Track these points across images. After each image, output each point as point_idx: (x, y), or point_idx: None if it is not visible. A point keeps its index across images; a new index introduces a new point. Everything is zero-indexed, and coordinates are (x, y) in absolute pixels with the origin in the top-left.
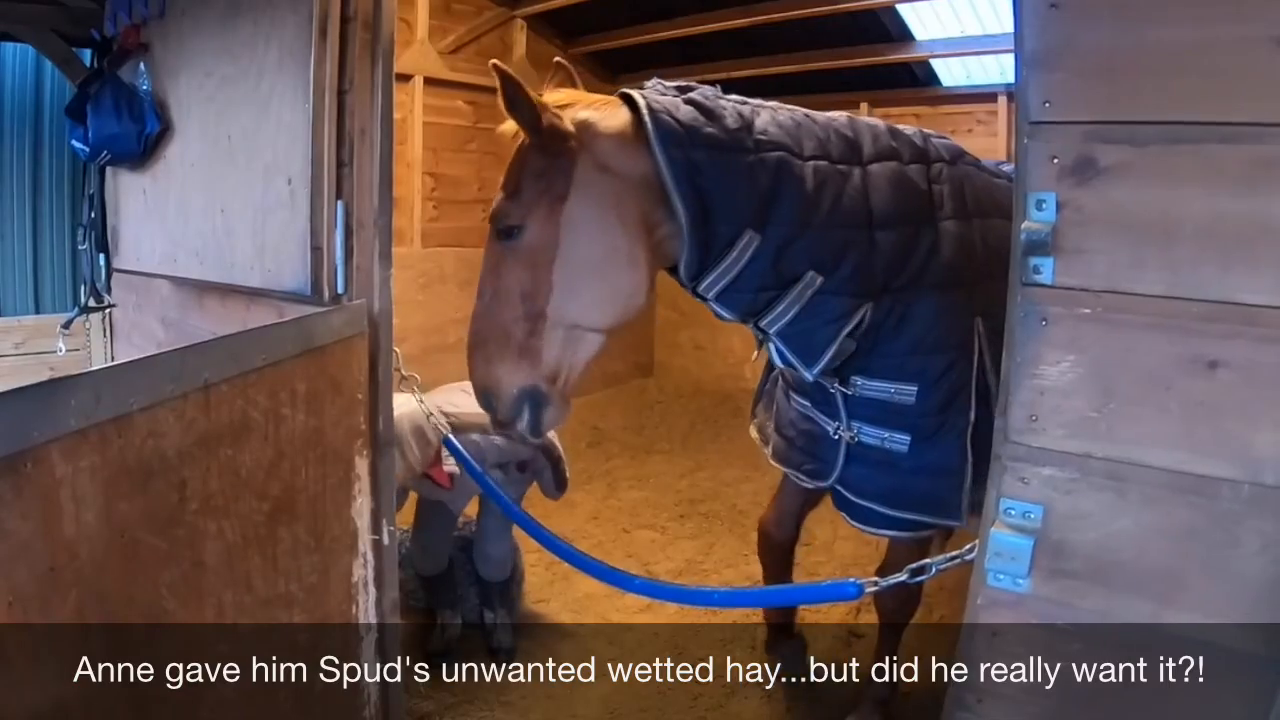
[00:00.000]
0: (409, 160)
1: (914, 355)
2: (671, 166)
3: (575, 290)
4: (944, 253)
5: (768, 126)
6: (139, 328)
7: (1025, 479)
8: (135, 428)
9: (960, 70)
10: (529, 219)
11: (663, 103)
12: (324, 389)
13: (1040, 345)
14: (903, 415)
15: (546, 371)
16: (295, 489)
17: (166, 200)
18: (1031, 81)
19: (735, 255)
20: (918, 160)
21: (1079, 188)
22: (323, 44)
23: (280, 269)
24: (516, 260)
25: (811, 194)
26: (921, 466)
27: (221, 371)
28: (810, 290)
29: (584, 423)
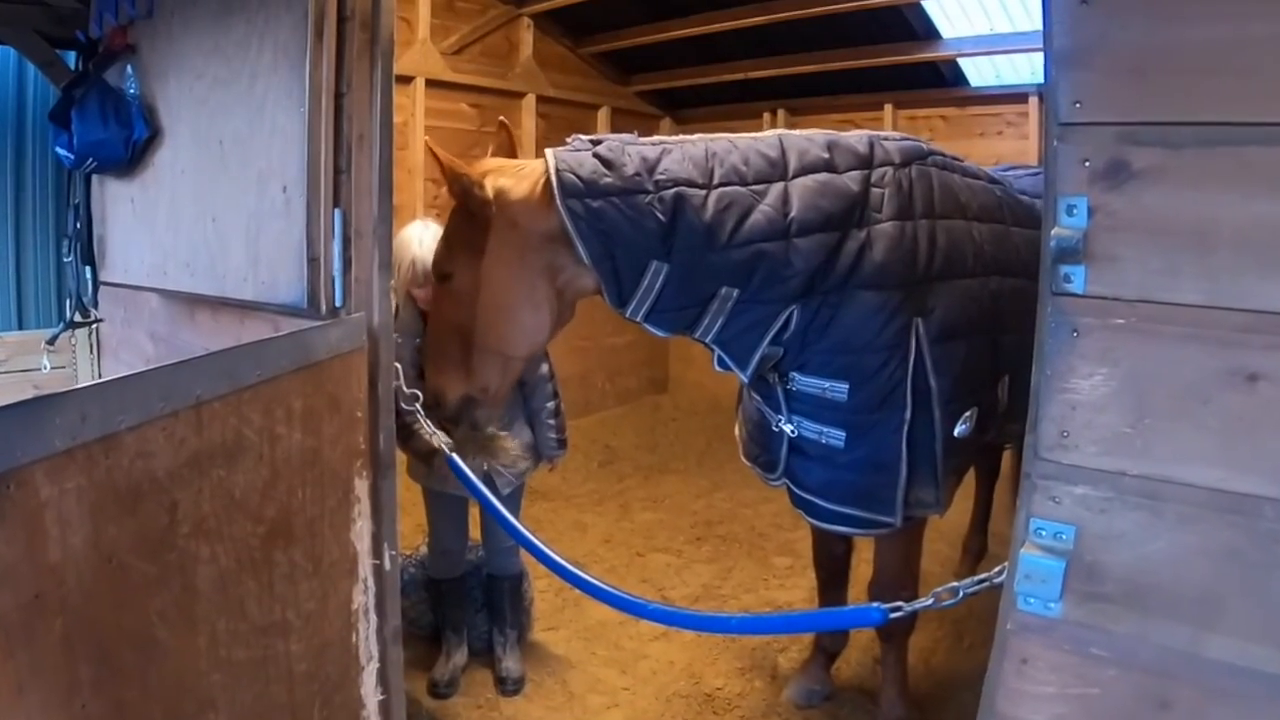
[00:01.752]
0: (410, 166)
1: (844, 353)
2: (570, 215)
3: (493, 325)
4: (876, 254)
5: (670, 165)
6: (127, 343)
7: (1056, 498)
8: (123, 448)
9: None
10: (456, 268)
11: (570, 161)
12: (321, 407)
13: (1071, 358)
14: (837, 411)
15: (478, 385)
16: (292, 511)
17: (155, 209)
18: (1061, 81)
19: (648, 283)
20: (857, 166)
21: (1111, 192)
22: (319, 45)
23: (275, 281)
24: (450, 298)
25: (710, 219)
26: (855, 461)
27: (214, 388)
28: (729, 303)
29: (595, 441)
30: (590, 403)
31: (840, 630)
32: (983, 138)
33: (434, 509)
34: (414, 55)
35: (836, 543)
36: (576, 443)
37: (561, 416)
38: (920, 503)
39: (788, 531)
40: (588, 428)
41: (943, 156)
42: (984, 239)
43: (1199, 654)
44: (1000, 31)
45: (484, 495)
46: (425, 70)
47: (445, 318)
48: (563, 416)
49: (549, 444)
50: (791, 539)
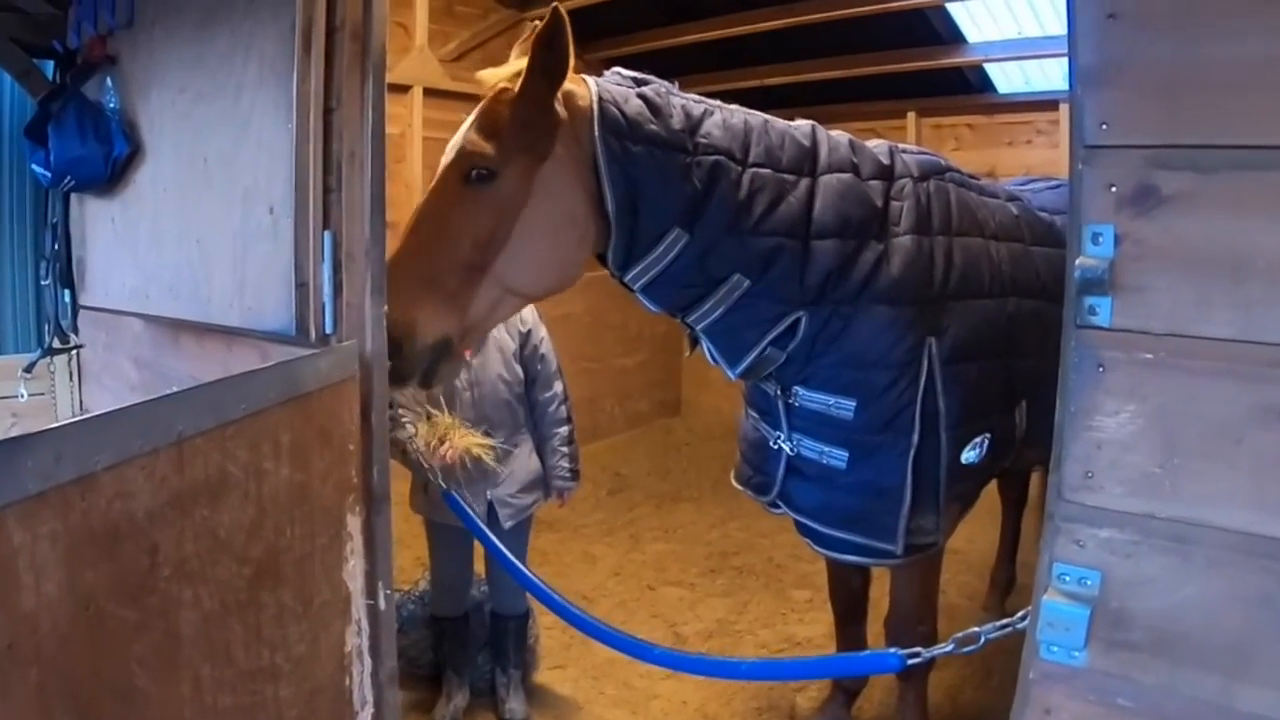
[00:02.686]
0: (407, 180)
1: (852, 368)
2: (608, 154)
3: (527, 250)
4: (893, 268)
5: (713, 129)
6: (110, 369)
7: (1081, 541)
8: (100, 488)
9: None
10: (507, 168)
11: (614, 93)
12: (311, 440)
13: (1097, 394)
14: (841, 429)
15: (465, 324)
16: (280, 550)
17: (137, 230)
18: (1087, 101)
19: (662, 250)
20: (879, 176)
21: (1139, 219)
22: (307, 57)
23: (262, 306)
24: (478, 206)
25: (744, 200)
26: (857, 484)
27: (196, 424)
28: (737, 292)
29: (605, 468)
30: (599, 427)
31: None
32: (1011, 147)
33: (436, 542)
34: (411, 63)
35: (853, 575)
36: (584, 470)
37: (575, 445)
38: (920, 530)
39: (806, 563)
40: (596, 454)
41: (959, 173)
42: (1002, 258)
43: (1230, 706)
44: (1029, 35)
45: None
46: (423, 79)
47: (459, 231)
48: (576, 445)
49: (560, 474)
50: (810, 571)
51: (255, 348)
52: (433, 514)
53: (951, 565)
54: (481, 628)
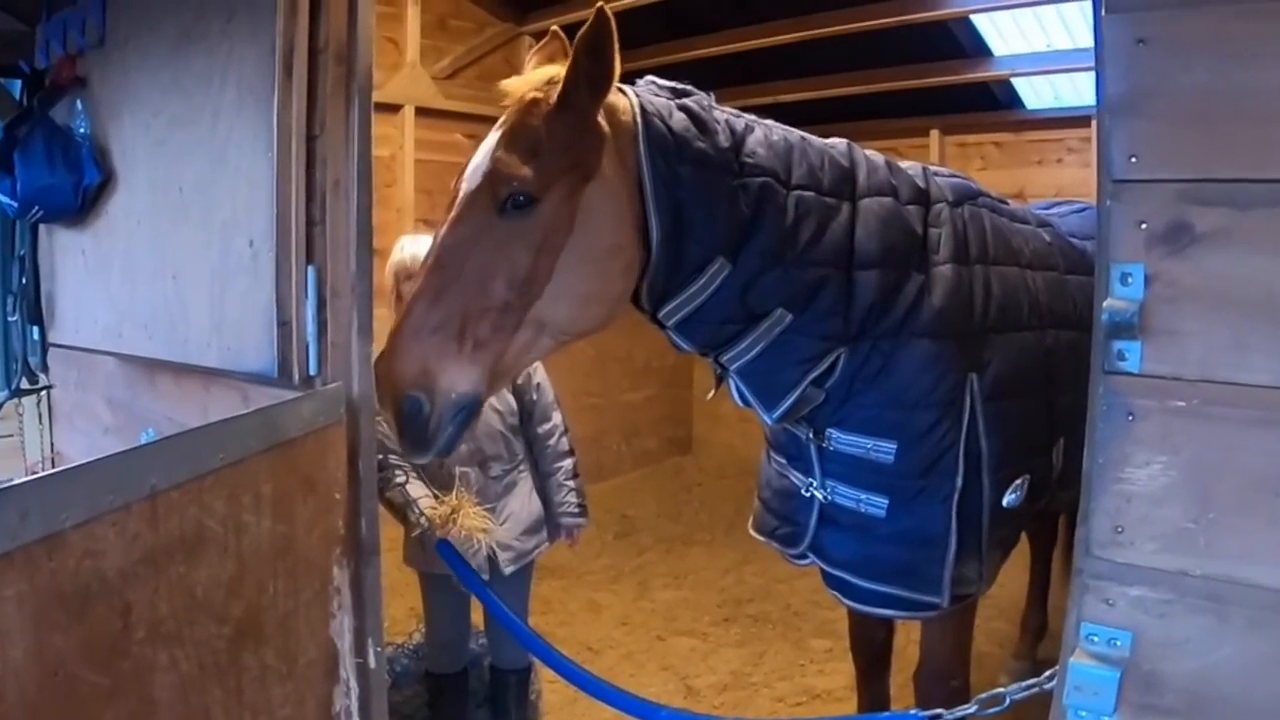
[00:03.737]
0: (399, 206)
1: (894, 409)
2: (654, 174)
3: (574, 285)
4: (935, 300)
5: (757, 148)
6: (81, 410)
7: (1110, 600)
8: (69, 547)
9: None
10: (548, 192)
11: (657, 105)
12: (294, 489)
13: (1126, 444)
14: (880, 475)
15: (495, 372)
16: (262, 608)
17: (110, 263)
18: (1115, 132)
19: (703, 282)
20: (916, 201)
21: (1171, 258)
22: (288, 80)
23: (242, 346)
24: (518, 238)
25: (790, 226)
26: (899, 533)
27: (171, 476)
28: (778, 328)
29: (611, 510)
30: (604, 467)
31: None
32: (1041, 166)
33: (431, 594)
34: (402, 81)
35: (877, 626)
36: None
37: (580, 478)
38: (963, 579)
39: (827, 610)
40: (602, 495)
41: (990, 198)
42: (1039, 288)
43: None
44: (1059, 48)
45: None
46: (414, 97)
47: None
48: (581, 478)
49: (568, 510)
50: (831, 619)
51: (235, 389)
52: (427, 566)
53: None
54: (480, 683)
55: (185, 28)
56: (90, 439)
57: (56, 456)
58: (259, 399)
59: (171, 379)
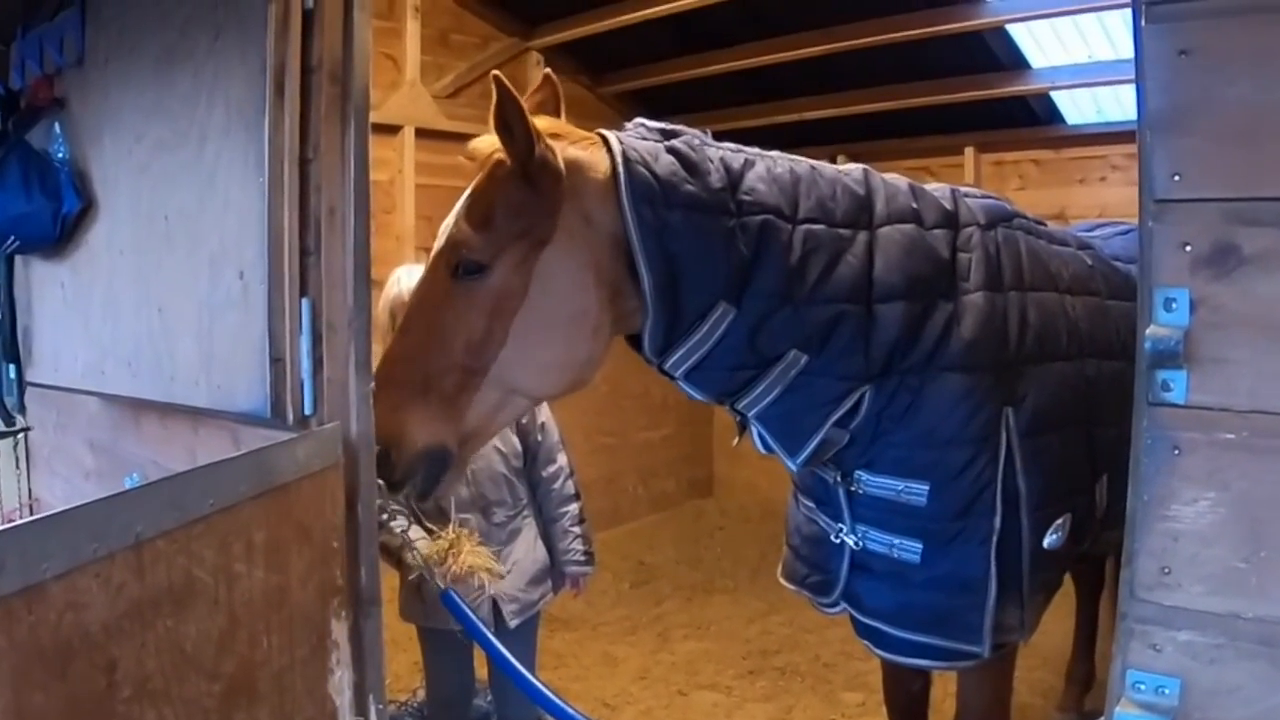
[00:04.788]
0: (398, 233)
1: (925, 448)
2: (641, 226)
3: (530, 350)
4: (965, 330)
5: (757, 184)
6: (62, 453)
7: (1157, 645)
8: (49, 600)
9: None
10: (498, 260)
11: (641, 150)
12: (288, 537)
13: (1172, 480)
14: (913, 518)
15: (465, 431)
16: (255, 664)
17: (90, 297)
18: (1157, 149)
19: (707, 329)
20: (943, 225)
21: (1217, 282)
22: (279, 101)
23: (232, 385)
24: (470, 303)
25: (797, 263)
26: (935, 579)
27: (157, 524)
28: (794, 370)
29: (627, 557)
30: (619, 511)
31: None
32: (1083, 185)
33: (432, 651)
34: (401, 100)
35: (913, 677)
36: (604, 559)
37: (587, 523)
38: (1003, 626)
39: (859, 661)
40: (617, 541)
41: (1026, 219)
42: (1079, 315)
43: None
44: (1101, 59)
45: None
46: (415, 118)
47: (446, 329)
48: (588, 523)
49: (574, 557)
50: (863, 670)
51: (225, 430)
52: (427, 620)
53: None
54: None
55: (169, 46)
56: (71, 484)
57: (35, 503)
58: (250, 441)
59: (157, 420)
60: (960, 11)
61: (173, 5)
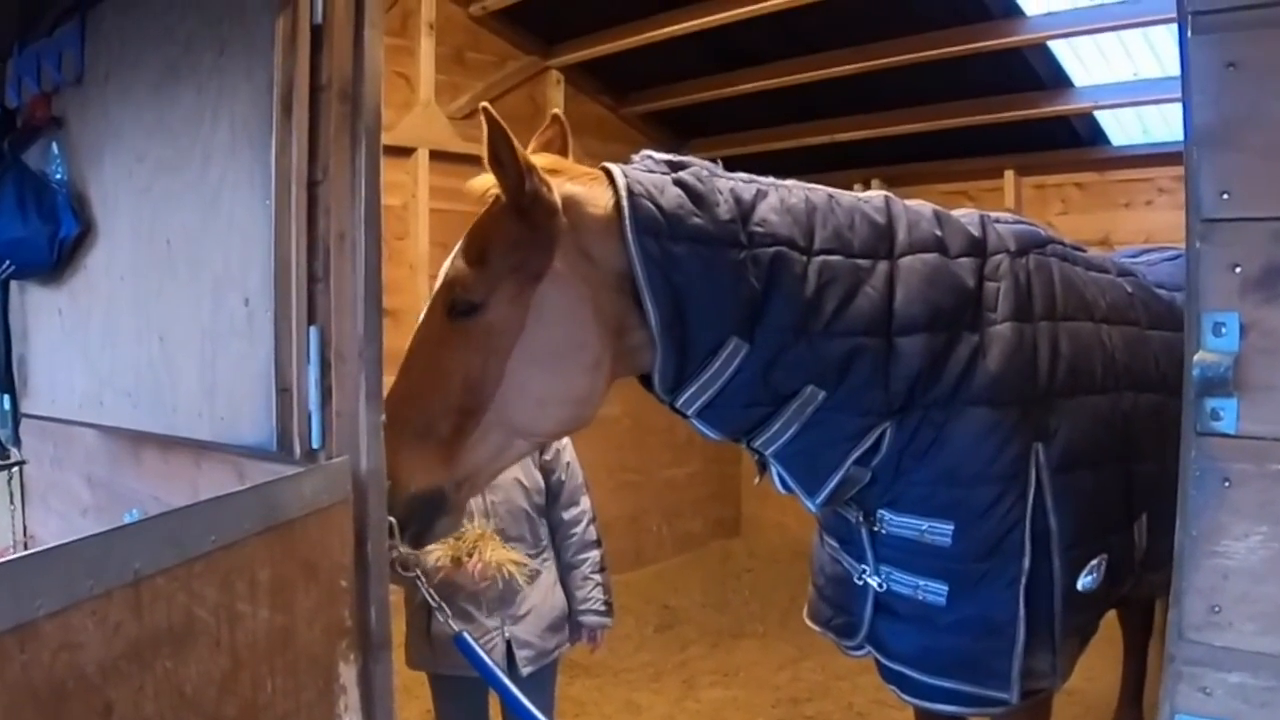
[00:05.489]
0: (411, 260)
1: (949, 485)
2: (645, 259)
3: (527, 385)
4: (991, 363)
5: (769, 215)
6: (58, 488)
7: (1207, 688)
8: (43, 639)
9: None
10: (493, 296)
11: (646, 183)
12: (294, 576)
13: (1222, 513)
14: (938, 559)
15: (460, 474)
16: (259, 708)
17: (89, 324)
18: (1204, 166)
19: (718, 366)
20: (970, 253)
21: (1268, 305)
22: (287, 121)
23: (236, 416)
24: (467, 341)
25: (812, 295)
26: (960, 622)
27: (157, 560)
28: (811, 407)
29: (650, 600)
30: (643, 552)
31: None
32: (1129, 209)
33: (443, 698)
34: (415, 121)
35: None
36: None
37: (608, 572)
38: (1033, 672)
39: (893, 709)
40: (640, 583)
41: (1061, 244)
42: (1115, 345)
43: None
44: (1147, 76)
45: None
46: (429, 139)
47: (444, 369)
48: (608, 572)
49: (593, 607)
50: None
51: (229, 464)
52: (437, 666)
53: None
54: None
55: (172, 62)
56: (67, 520)
57: (29, 540)
58: (255, 475)
59: (158, 453)
60: (1000, 28)
61: (175, 20)
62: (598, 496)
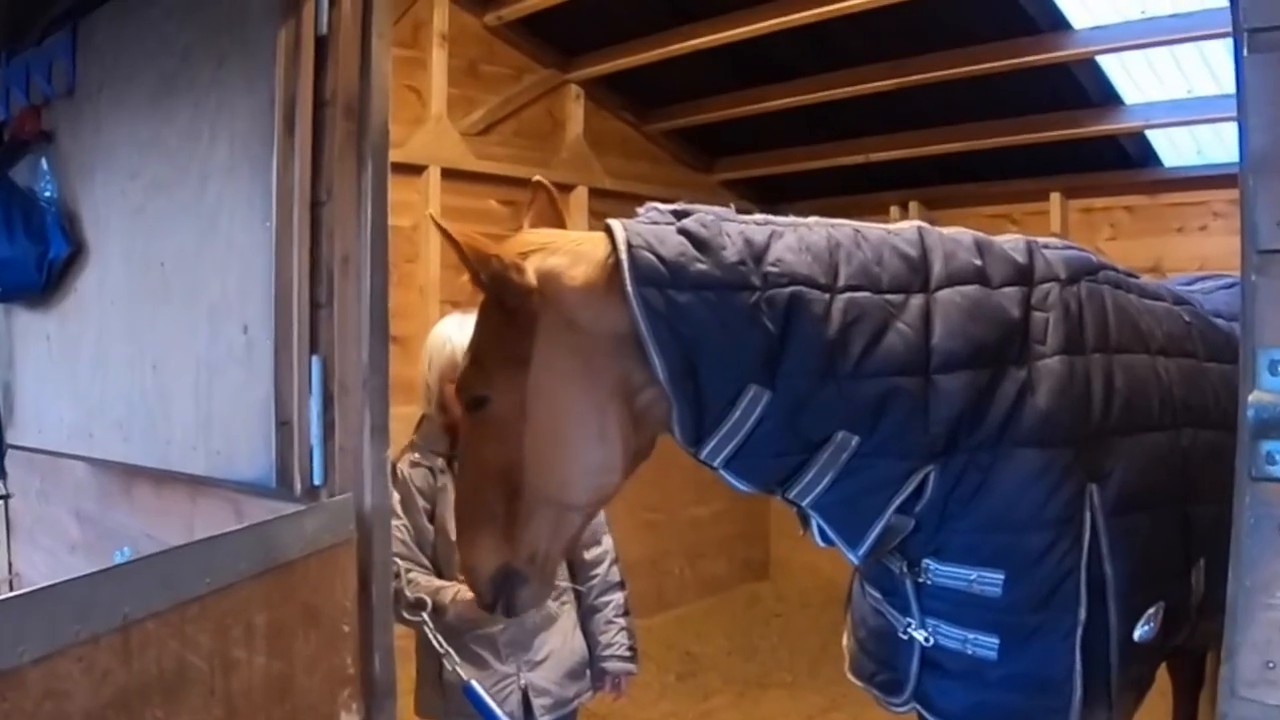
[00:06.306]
0: (422, 284)
1: (998, 532)
2: (647, 311)
3: (545, 468)
4: (1040, 400)
5: (784, 254)
6: (45, 523)
7: None
8: (26, 686)
9: (1188, 145)
10: (492, 389)
11: (646, 235)
12: (294, 620)
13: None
14: (988, 610)
15: (524, 551)
16: None
17: (78, 351)
18: (1260, 193)
19: (738, 415)
20: (1015, 282)
21: None
22: (289, 138)
23: (233, 450)
24: (487, 432)
25: (836, 336)
26: (1013, 677)
27: (147, 604)
28: (845, 453)
29: (672, 646)
30: (665, 595)
31: None
32: (1181, 234)
33: None
34: (426, 137)
35: None
36: (647, 648)
37: (632, 615)
38: None
39: None
40: (662, 628)
41: (1114, 271)
42: (1172, 379)
43: None
44: (1201, 94)
45: None
46: (441, 157)
47: (481, 460)
48: (632, 615)
49: (617, 653)
50: None
51: (226, 501)
52: (448, 715)
53: None
54: None
55: (168, 75)
56: (54, 558)
57: (15, 578)
58: (253, 513)
59: (151, 489)
60: (1046, 42)
61: (172, 30)
62: (616, 536)
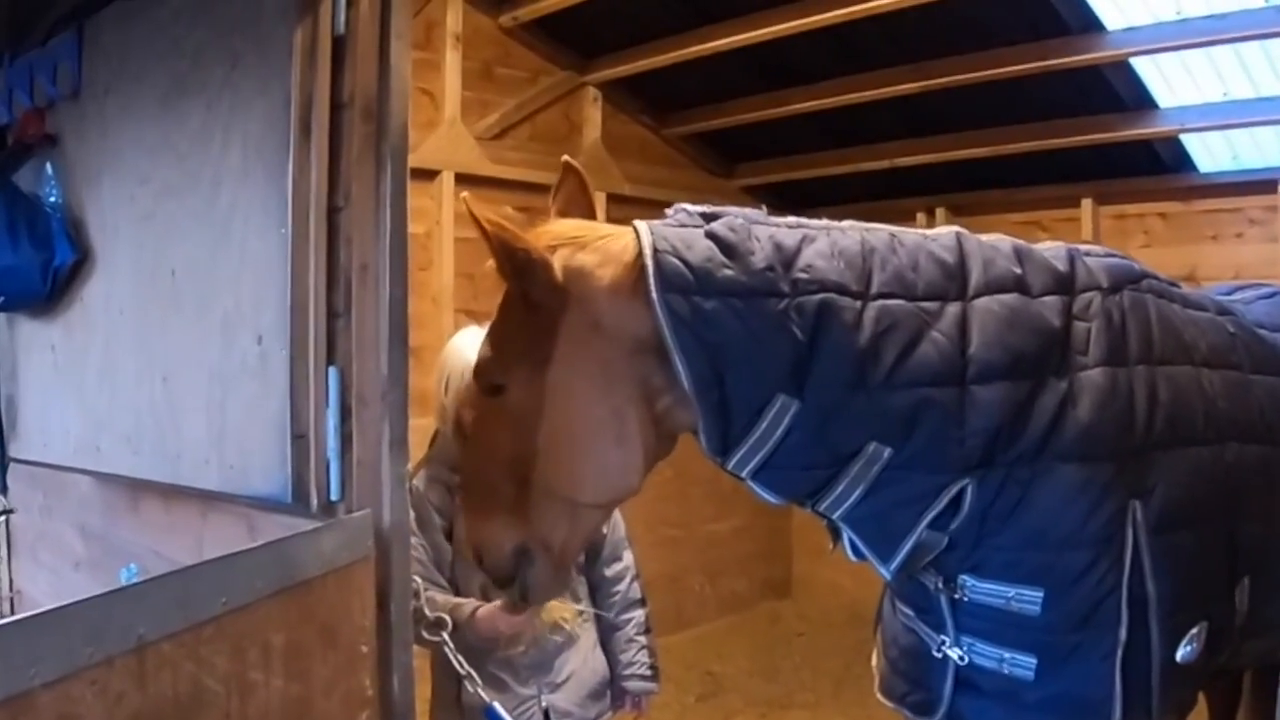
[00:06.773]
0: (435, 293)
1: (1037, 549)
2: (672, 319)
3: (562, 461)
4: (1082, 413)
5: (815, 260)
6: (48, 540)
7: None
8: (38, 710)
9: (1224, 150)
10: (510, 379)
11: (673, 239)
12: (311, 641)
13: None
14: (1026, 629)
15: (538, 535)
16: None
17: (85, 362)
18: None
19: (766, 426)
20: (1056, 290)
21: None
22: (305, 141)
23: (247, 465)
24: (499, 419)
25: (868, 344)
26: (1050, 699)
27: (162, 625)
28: (877, 466)
29: (691, 666)
30: (684, 613)
31: None
32: (1216, 241)
33: None
34: (440, 141)
35: None
36: (666, 668)
37: (652, 634)
38: None
39: None
40: (681, 647)
41: (1157, 280)
42: (1217, 392)
43: None
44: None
45: None
46: (455, 161)
47: (493, 444)
48: (653, 633)
49: (638, 671)
50: None
51: (239, 517)
52: None
53: None
54: None
55: (179, 76)
56: (58, 575)
57: (16, 596)
58: (268, 529)
59: (160, 504)
60: (1077, 44)
61: (183, 31)
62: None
